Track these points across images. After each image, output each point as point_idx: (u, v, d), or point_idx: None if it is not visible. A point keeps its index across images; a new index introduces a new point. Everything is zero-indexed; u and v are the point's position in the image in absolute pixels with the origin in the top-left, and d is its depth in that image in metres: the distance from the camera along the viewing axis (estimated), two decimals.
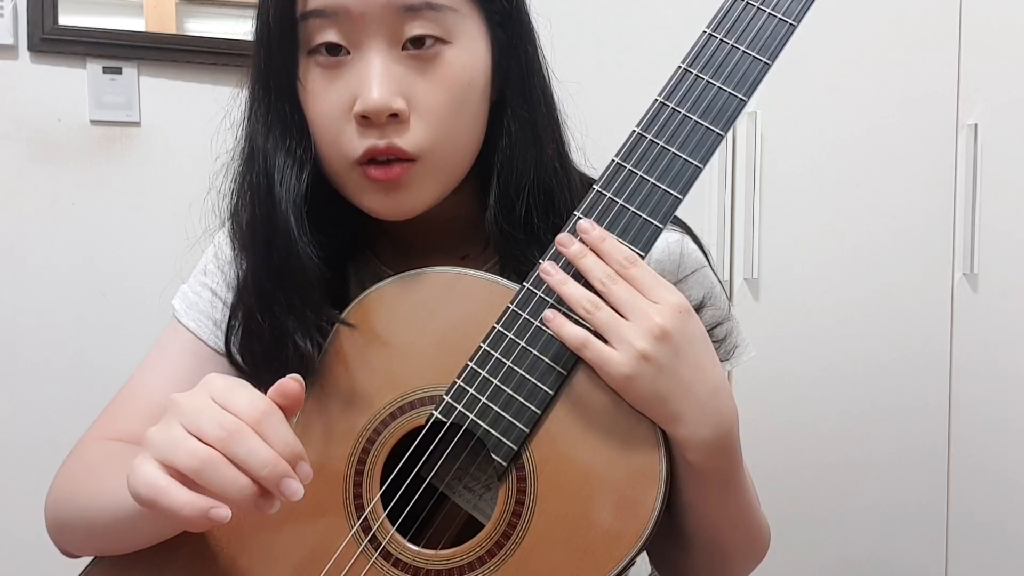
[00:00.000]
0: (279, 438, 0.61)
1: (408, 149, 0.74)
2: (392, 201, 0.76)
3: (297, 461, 0.62)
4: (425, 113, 0.74)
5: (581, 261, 0.70)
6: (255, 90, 0.79)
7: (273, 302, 0.77)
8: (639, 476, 0.69)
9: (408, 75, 0.74)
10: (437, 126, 0.75)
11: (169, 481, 0.59)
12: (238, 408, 0.61)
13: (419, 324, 0.75)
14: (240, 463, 0.60)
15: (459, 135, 0.77)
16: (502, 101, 0.79)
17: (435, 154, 0.75)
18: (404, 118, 0.74)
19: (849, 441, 1.90)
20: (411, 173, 0.75)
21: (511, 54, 0.79)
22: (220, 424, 0.60)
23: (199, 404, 0.62)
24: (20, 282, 1.65)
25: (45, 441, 1.22)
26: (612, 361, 0.67)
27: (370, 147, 0.74)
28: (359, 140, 0.74)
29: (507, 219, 0.78)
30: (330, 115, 0.75)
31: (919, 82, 1.87)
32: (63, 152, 1.67)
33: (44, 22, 1.62)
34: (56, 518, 0.81)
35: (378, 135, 0.73)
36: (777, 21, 0.72)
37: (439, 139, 0.75)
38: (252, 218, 0.79)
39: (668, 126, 0.72)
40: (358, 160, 0.75)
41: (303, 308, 0.76)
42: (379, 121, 0.73)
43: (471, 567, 0.70)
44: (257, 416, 0.61)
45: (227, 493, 0.60)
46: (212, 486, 0.59)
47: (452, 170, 0.78)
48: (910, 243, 1.89)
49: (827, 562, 1.91)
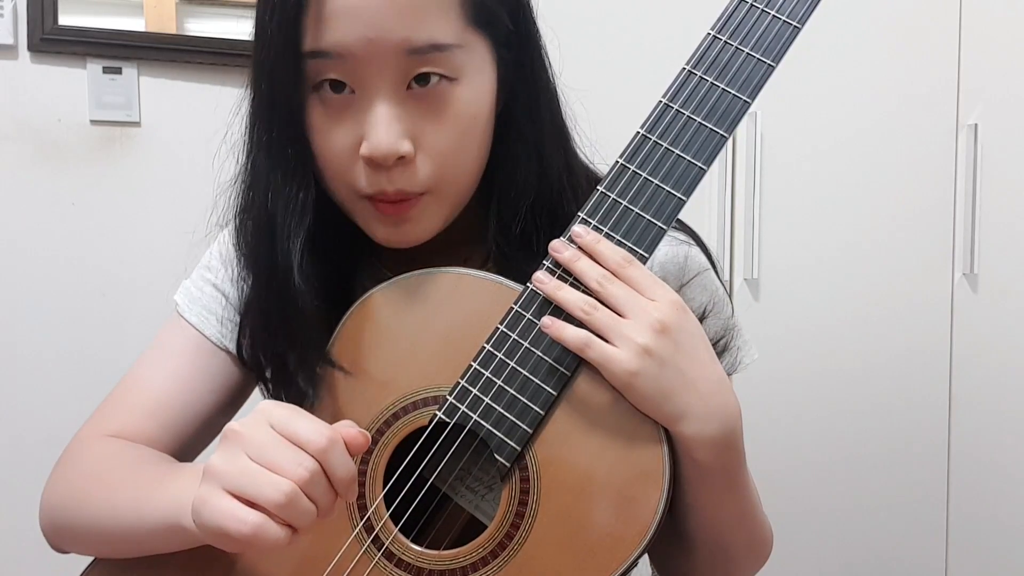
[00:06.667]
0: (344, 470, 0.63)
1: (416, 191, 0.75)
2: (399, 233, 0.77)
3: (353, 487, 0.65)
4: (431, 151, 0.74)
5: (575, 265, 0.70)
6: (257, 123, 0.78)
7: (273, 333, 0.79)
8: (642, 477, 0.69)
9: (414, 115, 0.73)
10: (443, 162, 0.75)
11: (264, 518, 0.60)
12: (305, 440, 0.62)
13: (422, 324, 0.75)
14: (315, 498, 0.62)
15: (466, 165, 0.77)
16: (507, 113, 0.79)
17: (442, 187, 0.76)
18: (411, 159, 0.73)
19: (849, 441, 1.90)
20: (419, 207, 0.76)
21: (517, 71, 0.78)
22: (299, 463, 0.61)
23: (265, 437, 0.62)
24: (20, 282, 1.65)
25: (45, 441, 1.22)
26: (615, 359, 0.67)
27: (378, 192, 0.74)
28: (366, 181, 0.74)
29: (505, 235, 0.79)
30: (336, 153, 0.75)
31: (919, 82, 1.87)
32: (63, 152, 1.67)
33: (44, 22, 1.62)
34: (57, 520, 0.80)
35: (387, 179, 0.74)
36: (781, 23, 0.72)
37: (446, 173, 0.75)
38: (256, 242, 0.79)
39: (672, 128, 0.72)
40: (366, 196, 0.75)
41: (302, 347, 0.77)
42: (386, 164, 0.73)
43: (474, 568, 0.70)
44: (324, 446, 0.62)
45: (300, 524, 0.61)
46: (290, 518, 0.61)
47: (459, 196, 0.78)
48: (910, 243, 1.89)
49: (827, 562, 1.91)
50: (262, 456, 0.61)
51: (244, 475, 0.61)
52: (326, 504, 0.62)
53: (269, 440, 0.62)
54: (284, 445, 0.62)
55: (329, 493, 0.62)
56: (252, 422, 0.64)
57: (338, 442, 0.62)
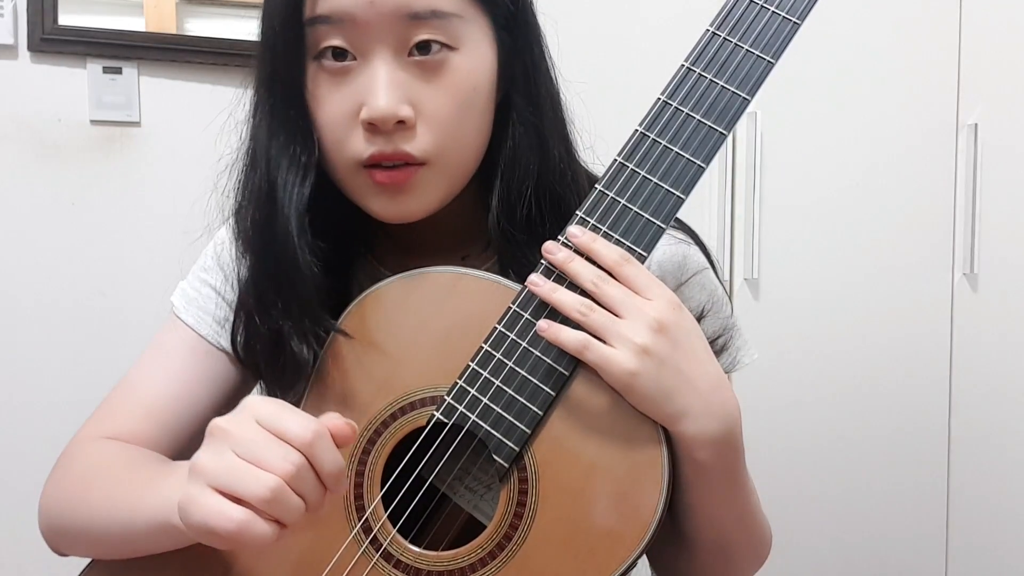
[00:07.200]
0: (331, 463, 0.62)
1: (415, 154, 0.74)
2: (397, 205, 0.77)
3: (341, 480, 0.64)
4: (431, 119, 0.75)
5: (569, 266, 0.70)
6: (260, 93, 0.79)
7: (271, 305, 0.78)
8: (641, 477, 0.68)
9: (414, 82, 0.74)
10: (443, 131, 0.75)
11: (250, 514, 0.60)
12: (292, 434, 0.62)
13: (419, 325, 0.75)
14: (302, 493, 0.61)
15: (465, 139, 0.77)
16: (507, 102, 0.79)
17: (441, 158, 0.76)
18: (411, 124, 0.74)
19: (849, 441, 1.90)
20: (417, 177, 0.75)
21: (516, 56, 0.79)
22: (285, 457, 0.61)
23: (250, 432, 0.62)
24: (20, 282, 1.65)
25: (45, 441, 1.22)
26: (614, 360, 0.67)
27: (376, 152, 0.74)
28: (365, 144, 0.74)
29: (509, 220, 0.78)
30: (336, 119, 0.75)
31: (919, 82, 1.87)
32: (63, 152, 1.67)
33: (44, 22, 1.62)
34: (54, 523, 0.80)
35: (384, 141, 0.74)
36: (781, 19, 0.72)
37: (445, 144, 0.75)
38: (254, 221, 0.79)
39: (671, 125, 0.72)
40: (364, 163, 0.75)
41: (300, 314, 0.76)
42: (386, 128, 0.73)
43: (472, 568, 0.70)
44: (309, 440, 0.61)
45: (288, 519, 0.61)
46: (276, 514, 0.60)
47: (458, 173, 0.78)
48: (910, 243, 1.89)
49: (827, 561, 1.91)
50: (248, 452, 0.61)
51: (230, 471, 0.61)
52: (315, 499, 0.62)
53: (254, 436, 0.62)
54: (270, 440, 0.61)
55: (317, 487, 0.62)
56: (237, 418, 0.63)
57: (324, 435, 0.62)
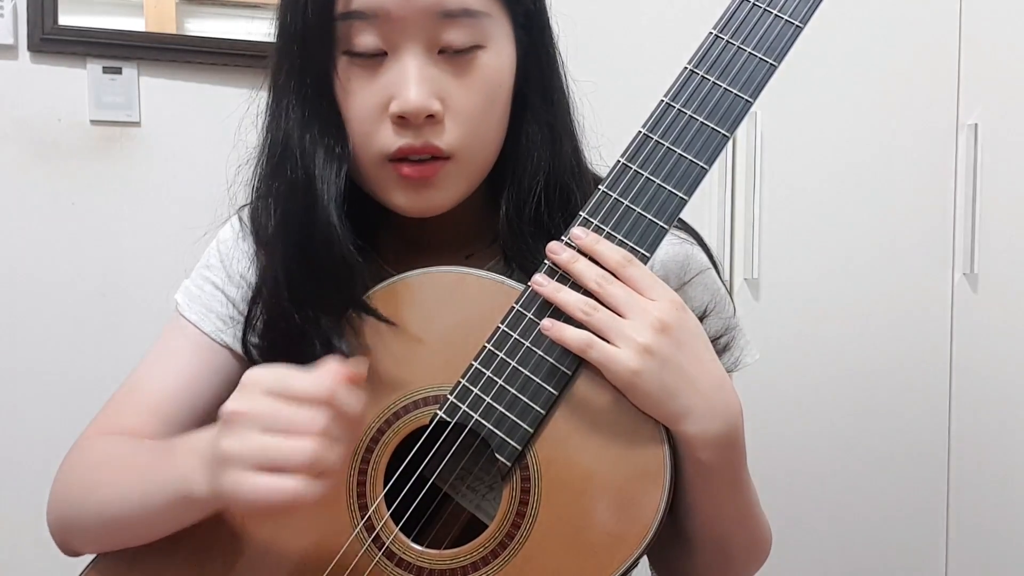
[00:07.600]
0: (354, 405, 0.64)
1: (443, 148, 0.75)
2: (422, 199, 0.78)
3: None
4: (459, 114, 0.76)
5: (572, 266, 0.70)
6: (286, 86, 0.79)
7: (308, 299, 0.78)
8: (643, 477, 0.69)
9: (443, 77, 0.75)
10: (470, 126, 0.76)
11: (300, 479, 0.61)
12: (308, 394, 0.63)
13: (423, 324, 0.75)
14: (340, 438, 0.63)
15: (488, 135, 0.78)
16: (521, 99, 0.80)
17: (466, 153, 0.77)
18: (439, 119, 0.75)
19: (849, 441, 1.90)
20: (443, 171, 0.76)
21: (532, 54, 0.80)
22: (311, 419, 0.62)
23: (267, 406, 0.63)
24: (20, 282, 1.65)
25: (45, 441, 1.22)
26: (617, 359, 0.67)
27: (405, 145, 0.75)
28: (394, 138, 0.75)
29: (518, 215, 0.79)
30: (365, 112, 0.76)
31: (919, 82, 1.87)
32: (63, 152, 1.66)
33: (44, 22, 1.62)
34: (64, 517, 0.80)
35: (413, 135, 0.75)
36: (783, 23, 0.72)
37: (471, 139, 0.76)
38: (286, 215, 0.79)
39: (674, 127, 0.72)
40: (391, 156, 0.76)
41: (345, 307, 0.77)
42: (416, 122, 0.74)
43: (474, 567, 0.70)
44: (325, 395, 0.63)
45: (335, 468, 0.63)
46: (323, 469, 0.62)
47: (479, 168, 0.80)
48: (910, 243, 1.89)
49: (827, 562, 1.91)
50: (275, 425, 0.62)
51: (265, 449, 0.62)
52: (352, 438, 0.65)
53: (273, 408, 0.63)
54: (289, 408, 0.62)
55: (349, 428, 0.64)
56: (247, 396, 0.64)
57: (338, 383, 0.63)
